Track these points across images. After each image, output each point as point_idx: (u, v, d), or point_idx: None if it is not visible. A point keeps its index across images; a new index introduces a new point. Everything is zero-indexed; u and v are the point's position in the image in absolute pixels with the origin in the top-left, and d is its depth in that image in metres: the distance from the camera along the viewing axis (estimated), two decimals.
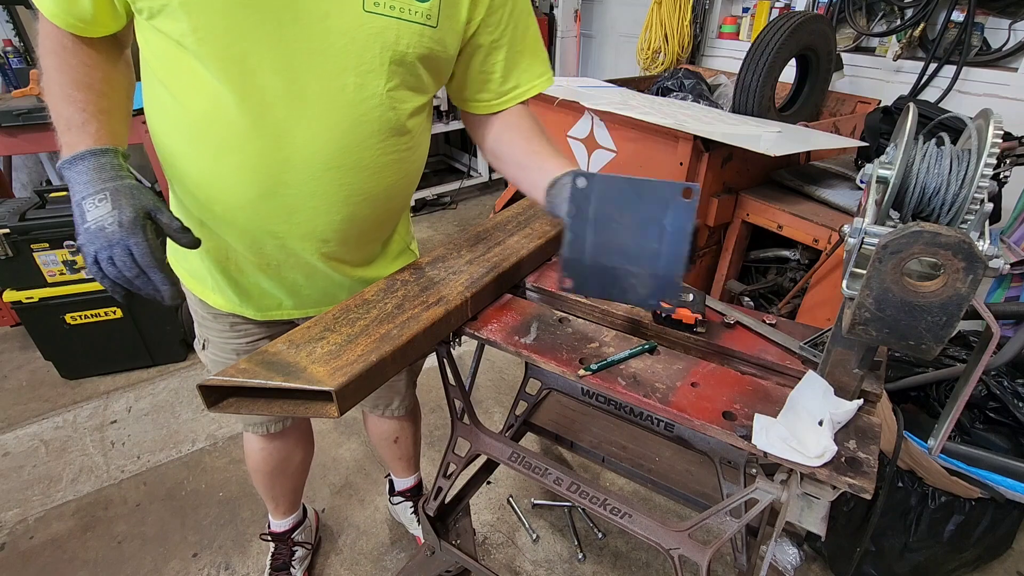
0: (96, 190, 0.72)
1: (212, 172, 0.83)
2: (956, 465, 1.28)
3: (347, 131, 0.82)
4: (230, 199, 0.85)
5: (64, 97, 0.77)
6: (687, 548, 0.95)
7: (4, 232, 1.97)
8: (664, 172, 1.89)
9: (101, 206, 0.71)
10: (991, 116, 0.62)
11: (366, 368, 0.75)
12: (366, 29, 0.76)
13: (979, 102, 2.38)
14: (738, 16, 3.30)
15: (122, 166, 0.75)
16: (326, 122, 0.80)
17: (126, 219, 0.71)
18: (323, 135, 0.81)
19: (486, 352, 2.23)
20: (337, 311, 0.89)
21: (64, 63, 0.78)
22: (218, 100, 0.76)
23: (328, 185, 0.85)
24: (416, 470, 1.65)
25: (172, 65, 0.77)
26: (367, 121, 0.82)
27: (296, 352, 0.78)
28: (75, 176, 0.73)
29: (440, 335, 0.91)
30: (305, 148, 0.81)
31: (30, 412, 2.18)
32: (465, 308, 0.94)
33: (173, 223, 0.75)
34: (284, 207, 0.86)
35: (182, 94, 0.78)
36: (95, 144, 0.74)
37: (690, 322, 0.91)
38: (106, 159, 0.73)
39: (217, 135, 0.79)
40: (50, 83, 0.78)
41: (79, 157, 0.73)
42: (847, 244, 0.64)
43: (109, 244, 0.70)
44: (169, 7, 0.71)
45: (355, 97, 0.80)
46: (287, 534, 1.54)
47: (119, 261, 0.71)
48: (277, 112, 0.78)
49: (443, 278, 0.98)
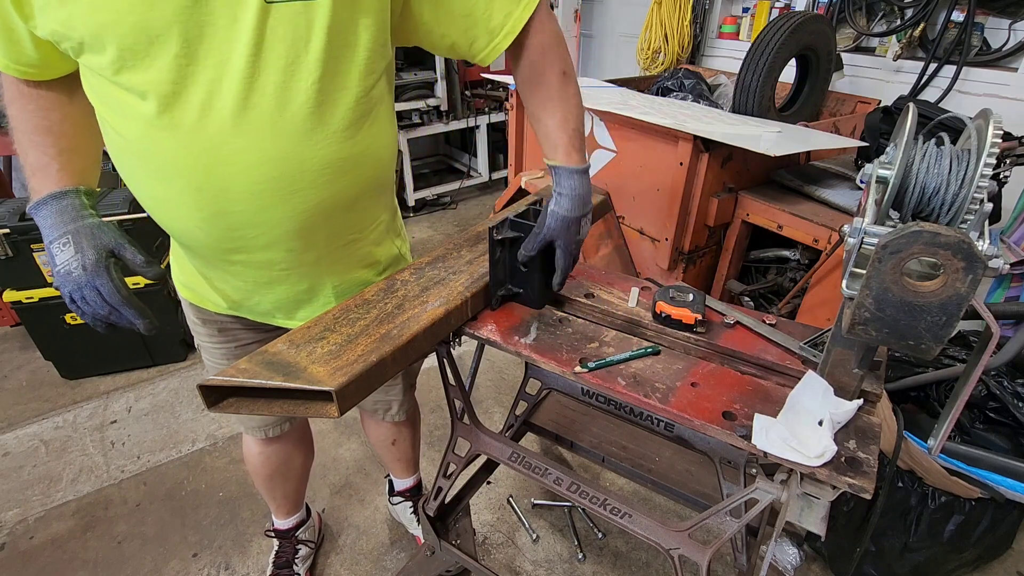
0: (59, 234, 0.75)
1: (161, 196, 0.82)
2: (956, 465, 1.28)
3: (278, 137, 0.76)
4: (183, 222, 0.83)
5: (28, 143, 0.81)
6: (687, 548, 0.95)
7: (4, 232, 1.97)
8: (664, 172, 1.89)
9: (66, 250, 0.74)
10: (991, 116, 0.62)
11: (366, 368, 0.75)
12: (273, 21, 0.70)
13: (979, 102, 2.38)
14: (738, 16, 3.30)
15: (84, 205, 0.78)
16: (254, 133, 0.75)
17: (89, 262, 0.74)
18: (253, 147, 0.76)
19: (486, 352, 2.23)
20: (337, 311, 0.88)
21: (22, 110, 0.81)
22: (150, 127, 0.74)
23: (272, 199, 0.80)
24: (415, 471, 1.66)
25: (105, 95, 0.76)
26: (296, 122, 0.76)
27: (296, 352, 0.78)
28: (41, 221, 0.77)
29: (440, 335, 0.91)
30: (239, 164, 0.76)
31: (30, 412, 2.18)
32: (465, 308, 0.94)
33: (136, 258, 0.78)
34: (235, 225, 0.82)
35: (119, 124, 0.77)
36: (56, 187, 0.78)
37: (690, 322, 0.91)
38: (67, 201, 0.77)
39: (156, 161, 0.77)
40: (15, 131, 0.82)
41: (42, 202, 0.76)
42: (847, 244, 0.64)
43: (78, 286, 0.74)
44: (87, 43, 0.70)
45: (278, 100, 0.74)
46: (291, 532, 1.54)
47: (91, 301, 0.75)
48: (207, 131, 0.74)
49: (443, 278, 0.98)
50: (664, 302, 0.93)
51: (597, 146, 2.14)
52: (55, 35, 0.70)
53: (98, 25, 0.67)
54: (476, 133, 4.03)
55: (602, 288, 1.06)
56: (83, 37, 0.69)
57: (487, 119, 3.95)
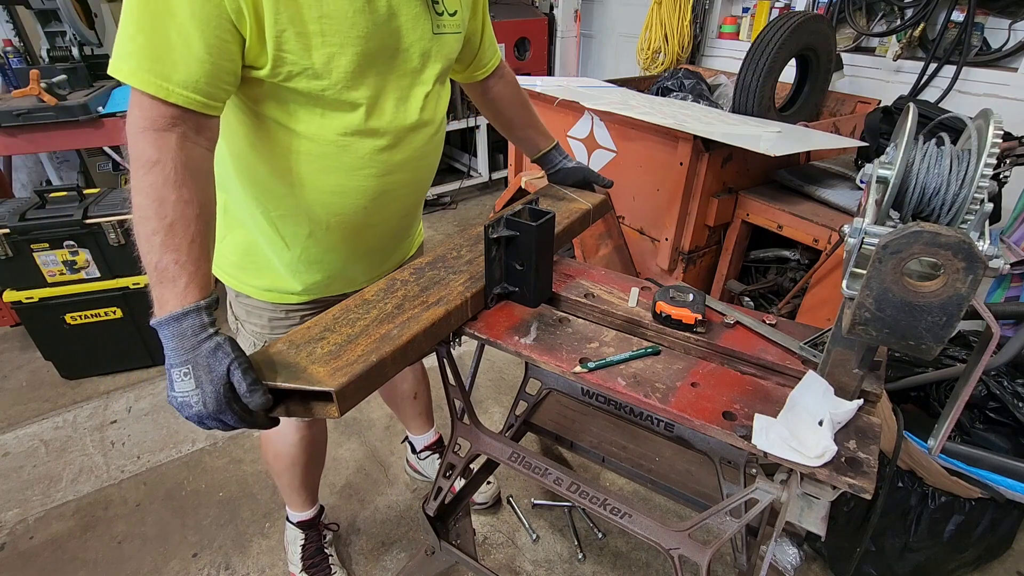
0: (180, 362, 0.71)
1: (343, 187, 0.96)
2: (956, 465, 1.28)
3: (427, 128, 1.01)
4: (353, 204, 0.99)
5: (158, 245, 0.73)
6: (687, 548, 0.95)
7: (4, 232, 1.97)
8: (664, 172, 1.89)
9: (186, 381, 0.71)
10: (991, 116, 0.62)
11: (366, 368, 0.75)
12: (436, 48, 0.96)
13: (979, 102, 2.38)
14: (738, 16, 3.30)
15: (204, 325, 0.73)
16: (423, 128, 0.99)
17: (210, 402, 0.71)
18: (419, 138, 0.99)
19: (486, 352, 2.23)
20: (337, 311, 0.88)
21: (163, 203, 0.73)
22: (356, 132, 0.91)
23: (416, 173, 1.05)
24: (433, 423, 1.81)
25: (302, 113, 0.88)
26: (436, 119, 1.03)
27: (296, 352, 0.78)
28: (163, 340, 0.73)
29: (440, 335, 0.91)
30: (408, 151, 0.98)
31: (30, 412, 2.18)
32: (465, 308, 0.94)
33: (242, 386, 0.71)
34: (390, 199, 1.03)
35: (317, 134, 0.90)
36: (181, 305, 0.72)
37: (690, 322, 0.91)
38: (187, 323, 0.72)
39: (350, 158, 0.93)
40: (143, 225, 0.73)
41: (163, 323, 0.72)
42: (847, 244, 0.64)
43: (199, 418, 0.73)
44: (312, 69, 0.82)
45: (433, 101, 1.00)
46: (317, 518, 1.56)
47: (212, 425, 0.74)
48: (396, 129, 0.95)
49: (443, 278, 0.98)
50: (664, 302, 0.93)
51: (597, 146, 2.14)
52: (279, 60, 0.80)
53: (329, 56, 0.82)
54: (476, 133, 4.03)
55: (602, 288, 1.06)
56: (313, 64, 0.82)
57: None
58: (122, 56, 0.72)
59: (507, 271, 1.00)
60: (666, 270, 2.03)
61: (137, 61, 0.72)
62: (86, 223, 2.03)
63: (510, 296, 1.03)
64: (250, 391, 0.71)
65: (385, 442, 2.03)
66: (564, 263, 1.17)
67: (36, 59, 3.20)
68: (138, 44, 0.71)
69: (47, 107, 2.27)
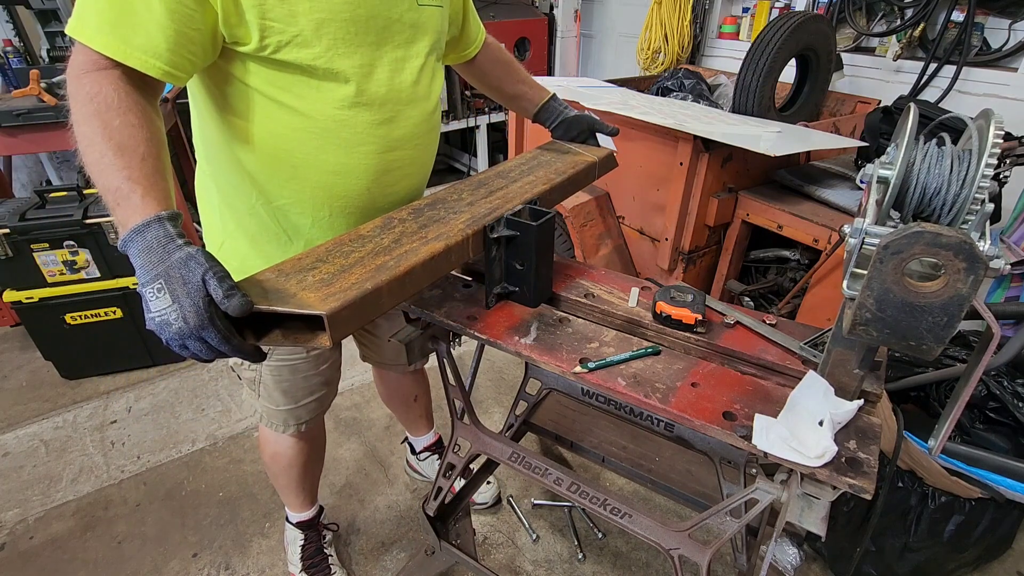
0: (151, 277, 0.68)
1: (343, 165, 0.96)
2: (956, 465, 1.28)
3: (426, 102, 1.02)
4: (357, 183, 0.98)
5: (105, 166, 0.72)
6: (687, 548, 0.95)
7: (4, 232, 1.97)
8: (664, 172, 1.89)
9: (161, 298, 0.67)
10: (992, 116, 0.62)
11: (361, 295, 0.71)
12: (424, 20, 0.97)
13: (979, 102, 2.38)
14: (738, 16, 3.30)
15: (170, 235, 0.70)
16: (418, 101, 1.00)
17: (191, 316, 0.66)
18: (415, 113, 1.00)
19: (486, 352, 2.23)
20: (331, 244, 0.83)
21: (106, 127, 0.72)
22: (349, 106, 0.90)
23: (416, 152, 1.05)
24: (433, 425, 1.82)
25: (293, 87, 0.87)
26: (433, 93, 1.04)
27: (286, 280, 0.73)
28: (132, 260, 0.70)
29: (440, 271, 0.86)
30: (406, 127, 0.99)
31: (30, 412, 2.18)
32: (466, 246, 0.89)
33: (217, 292, 0.67)
34: (392, 180, 1.02)
35: (311, 109, 0.89)
36: (141, 217, 0.69)
37: (690, 322, 0.91)
38: (151, 234, 0.69)
39: (347, 133, 0.93)
40: (88, 152, 0.73)
41: (127, 241, 0.69)
42: (847, 244, 0.64)
43: (180, 337, 0.68)
44: (301, 36, 0.81)
45: (428, 75, 1.01)
46: (316, 519, 1.56)
47: (195, 349, 0.69)
48: (391, 102, 0.95)
49: (443, 217, 0.94)
50: (664, 302, 0.93)
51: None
52: (266, 29, 0.79)
53: (317, 22, 0.81)
54: (476, 133, 4.03)
55: (602, 288, 1.06)
56: (302, 31, 0.81)
57: (487, 119, 3.95)
58: (81, 17, 0.72)
59: (507, 271, 1.00)
60: (666, 270, 2.03)
61: (97, 23, 0.72)
62: (86, 223, 2.03)
63: (510, 296, 1.03)
64: (227, 296, 0.66)
65: (385, 442, 2.03)
66: (564, 263, 1.17)
67: (36, 59, 3.20)
68: (99, 6, 0.72)
69: (47, 107, 2.26)
